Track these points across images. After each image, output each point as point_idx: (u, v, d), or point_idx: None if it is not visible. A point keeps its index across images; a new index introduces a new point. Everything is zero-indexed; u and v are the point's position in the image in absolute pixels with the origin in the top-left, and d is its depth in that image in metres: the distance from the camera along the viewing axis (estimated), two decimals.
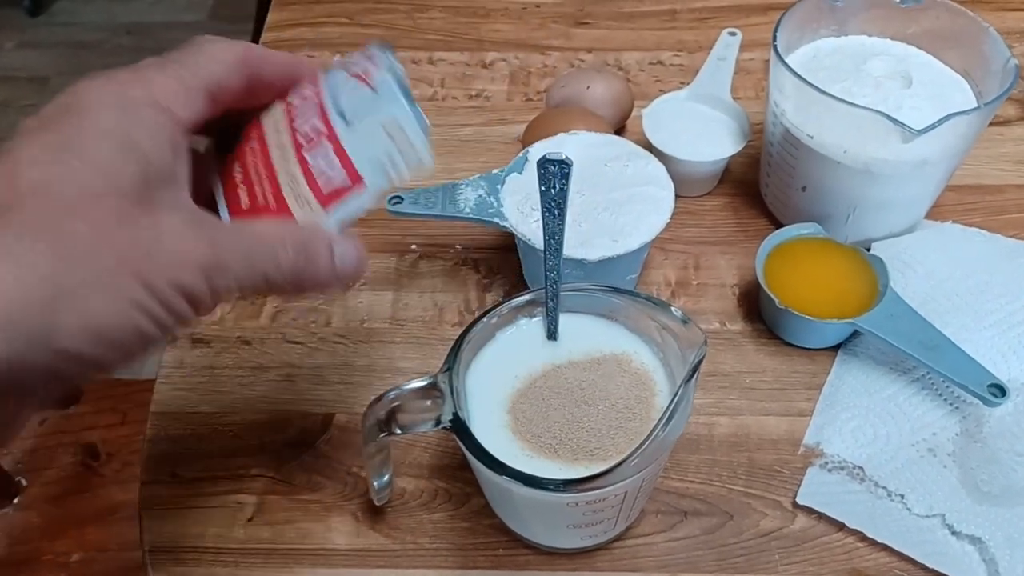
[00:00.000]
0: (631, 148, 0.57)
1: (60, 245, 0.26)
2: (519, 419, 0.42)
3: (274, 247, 0.32)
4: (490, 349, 0.45)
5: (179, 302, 0.29)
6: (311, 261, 0.33)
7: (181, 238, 0.29)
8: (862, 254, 0.56)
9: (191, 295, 0.29)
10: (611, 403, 0.42)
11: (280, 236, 0.32)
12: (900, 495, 0.49)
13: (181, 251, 0.29)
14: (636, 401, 0.42)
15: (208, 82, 0.33)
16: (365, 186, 0.34)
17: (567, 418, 0.42)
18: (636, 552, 0.48)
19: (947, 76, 0.59)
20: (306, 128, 0.36)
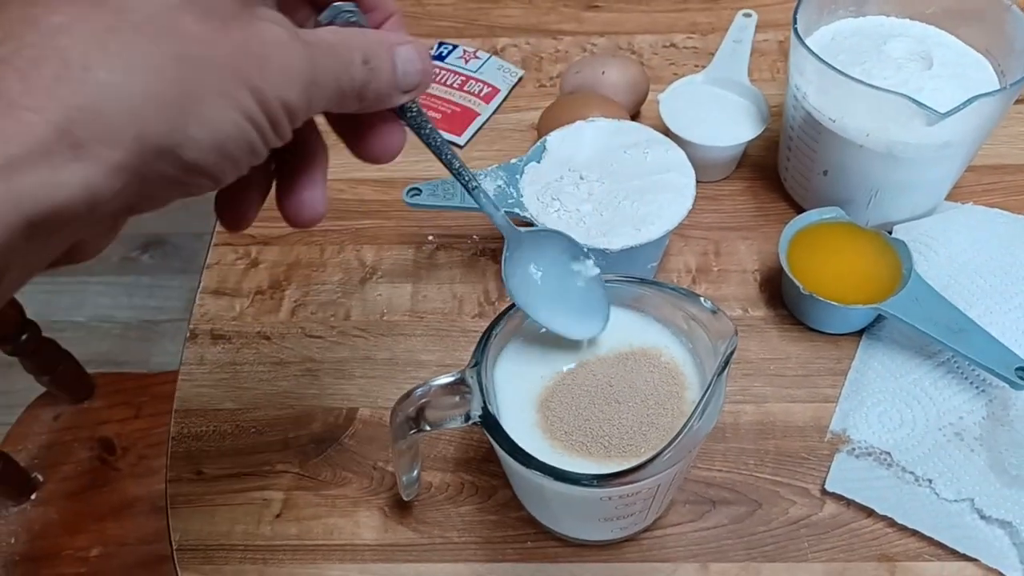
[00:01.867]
0: (650, 134, 0.57)
1: (180, 46, 0.24)
2: (549, 416, 0.42)
3: (351, 59, 0.29)
4: (516, 343, 0.45)
5: (283, 119, 0.27)
6: (375, 72, 0.30)
7: (286, 51, 0.27)
8: (885, 238, 0.56)
9: (291, 110, 0.27)
10: (641, 399, 0.42)
11: (350, 45, 0.30)
12: (928, 480, 0.49)
13: (287, 65, 0.27)
14: (667, 396, 0.42)
15: None
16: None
17: (597, 415, 0.41)
18: (665, 543, 0.48)
19: (968, 56, 0.58)
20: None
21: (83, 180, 0.22)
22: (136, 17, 0.23)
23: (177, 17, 0.24)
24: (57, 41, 0.22)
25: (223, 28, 0.25)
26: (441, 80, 0.73)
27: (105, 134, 0.22)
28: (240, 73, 0.25)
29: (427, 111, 0.67)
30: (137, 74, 0.23)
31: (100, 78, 0.22)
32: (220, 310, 0.59)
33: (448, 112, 0.70)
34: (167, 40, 0.24)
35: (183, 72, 0.24)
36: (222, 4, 0.25)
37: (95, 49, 0.22)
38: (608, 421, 0.41)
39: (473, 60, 0.74)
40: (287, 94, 0.27)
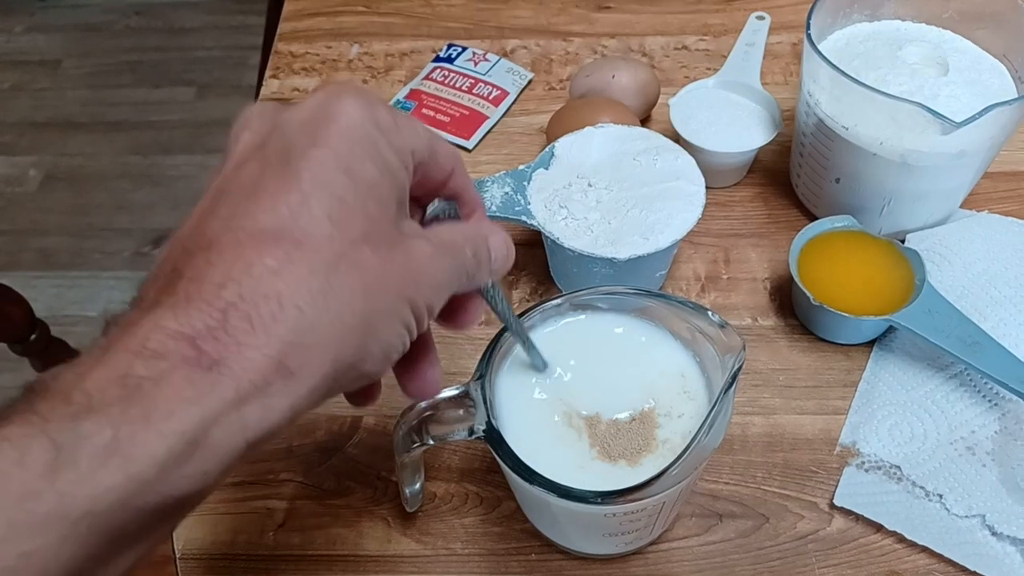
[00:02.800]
0: (660, 141, 0.56)
1: (364, 279, 0.27)
2: (554, 429, 0.41)
3: (463, 252, 0.33)
4: (522, 355, 0.44)
5: (426, 318, 0.30)
6: (479, 260, 0.34)
7: (434, 265, 0.30)
8: (898, 247, 0.55)
9: (432, 310, 0.31)
10: (648, 412, 0.41)
11: (462, 241, 0.33)
12: (939, 495, 0.48)
13: (435, 277, 0.30)
14: (673, 410, 0.42)
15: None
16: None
17: (602, 428, 0.41)
18: (671, 556, 0.48)
19: (985, 61, 0.57)
20: None
21: (291, 403, 0.25)
22: (328, 255, 0.26)
23: (359, 252, 0.27)
24: (273, 285, 0.25)
25: (390, 254, 0.28)
26: (450, 83, 0.72)
27: (310, 363, 0.26)
28: (404, 293, 0.29)
29: (436, 114, 0.68)
30: (334, 308, 0.26)
31: (307, 315, 0.25)
32: None
33: (456, 115, 0.70)
34: (354, 274, 0.27)
35: (367, 302, 0.27)
36: (387, 233, 0.29)
37: (302, 289, 0.25)
38: (613, 434, 0.41)
39: (483, 63, 0.74)
40: (433, 300, 0.30)
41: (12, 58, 2.04)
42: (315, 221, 0.26)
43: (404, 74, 0.75)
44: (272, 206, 0.26)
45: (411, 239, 0.30)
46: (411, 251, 0.29)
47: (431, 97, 0.71)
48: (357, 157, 0.28)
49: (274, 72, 0.76)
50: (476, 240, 0.33)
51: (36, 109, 1.92)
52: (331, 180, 0.27)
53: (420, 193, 0.34)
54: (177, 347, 0.24)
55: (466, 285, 0.33)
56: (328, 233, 0.26)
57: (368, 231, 0.27)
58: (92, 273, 1.62)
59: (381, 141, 0.29)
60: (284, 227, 0.26)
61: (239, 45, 2.01)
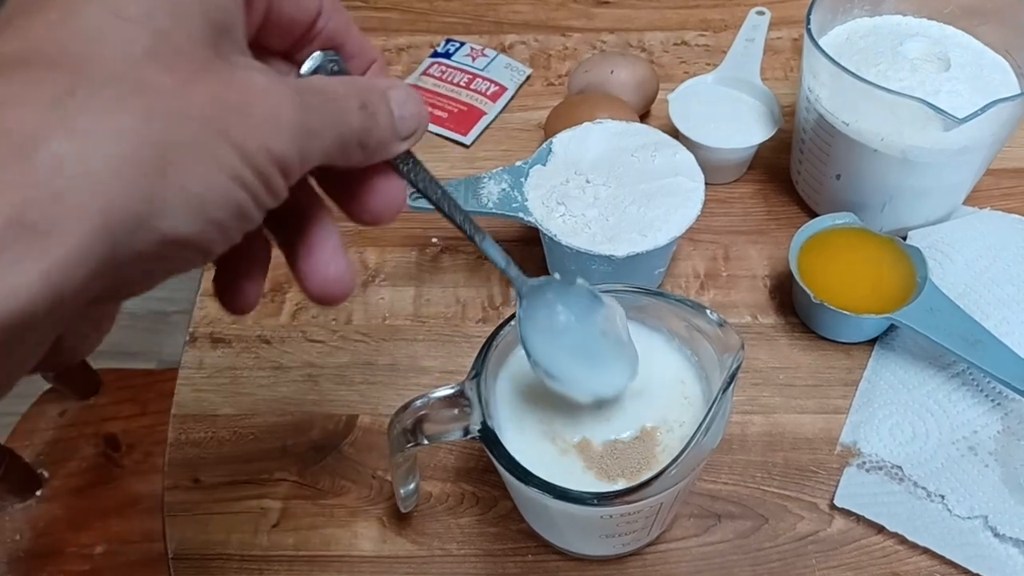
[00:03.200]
0: (658, 137, 0.55)
1: (147, 102, 0.21)
2: (549, 428, 0.41)
3: (344, 105, 0.27)
4: (519, 354, 0.43)
5: (274, 174, 0.24)
6: (373, 118, 0.28)
7: (271, 98, 0.24)
8: (899, 244, 0.55)
9: (283, 164, 0.24)
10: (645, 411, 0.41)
11: (344, 92, 0.27)
12: (940, 496, 0.48)
13: (273, 113, 0.24)
14: (670, 409, 0.41)
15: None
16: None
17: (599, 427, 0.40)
18: (668, 558, 0.47)
19: (986, 56, 0.57)
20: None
21: (42, 274, 0.19)
22: (96, 74, 0.21)
23: (143, 70, 0.21)
24: (5, 112, 0.19)
25: (195, 78, 0.22)
26: (447, 78, 0.71)
27: (63, 214, 0.19)
28: (218, 125, 0.22)
29: (434, 110, 0.67)
30: (98, 138, 0.20)
31: (54, 149, 0.19)
32: (220, 313, 0.59)
33: (454, 111, 0.69)
34: (132, 97, 0.21)
35: (152, 131, 0.21)
36: (192, 53, 0.23)
37: (49, 117, 0.20)
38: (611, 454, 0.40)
39: (480, 58, 0.73)
40: (275, 145, 0.24)
41: None
42: (74, 39, 0.21)
43: (401, 69, 0.74)
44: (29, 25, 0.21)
45: (238, 68, 0.24)
46: (233, 79, 0.23)
47: (428, 93, 0.71)
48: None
49: None
50: (366, 91, 0.27)
51: None
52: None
53: (284, 43, 0.28)
54: None
55: (360, 150, 0.28)
56: (93, 51, 0.21)
57: (157, 50, 0.22)
58: None
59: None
60: (39, 50, 0.21)
61: None
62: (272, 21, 0.27)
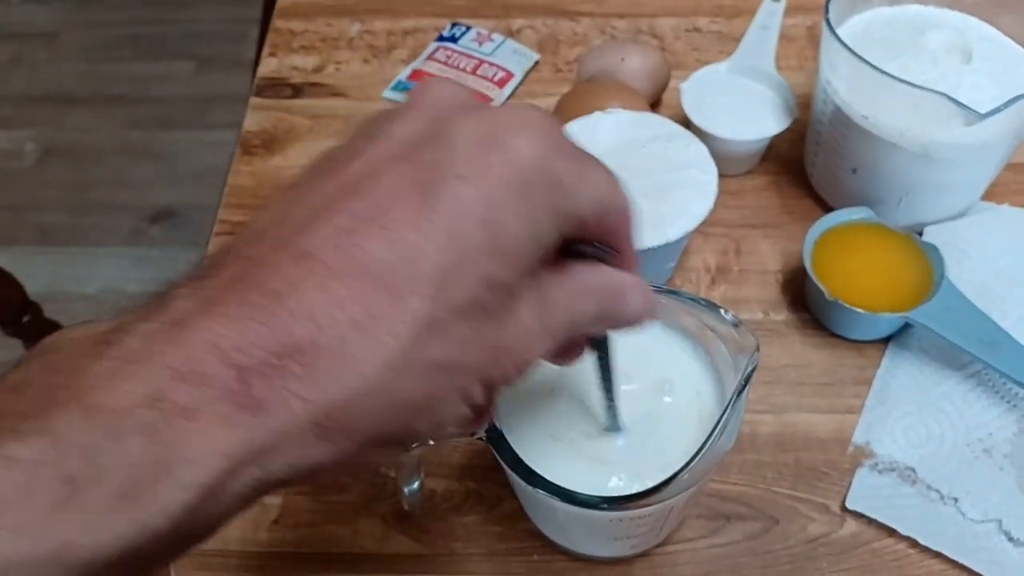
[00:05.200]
0: (671, 128, 0.54)
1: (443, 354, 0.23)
2: (558, 428, 0.40)
3: (583, 310, 0.28)
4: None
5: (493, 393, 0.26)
6: (604, 312, 0.29)
7: (527, 338, 0.26)
8: (916, 241, 0.53)
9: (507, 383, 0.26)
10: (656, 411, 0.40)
11: (589, 292, 0.28)
12: (954, 499, 0.47)
13: (522, 352, 0.26)
14: (682, 410, 0.40)
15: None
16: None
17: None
18: (676, 559, 0.46)
19: (1009, 49, 0.55)
20: None
21: (316, 463, 0.23)
22: (421, 319, 0.23)
23: (455, 324, 0.23)
24: (346, 340, 0.22)
25: (485, 329, 0.24)
26: (453, 63, 0.70)
27: (350, 429, 0.23)
28: (482, 373, 0.25)
29: None
30: (398, 379, 0.23)
31: (368, 384, 0.22)
32: None
33: None
34: (437, 350, 0.23)
35: (438, 379, 0.24)
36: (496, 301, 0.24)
37: (375, 354, 0.22)
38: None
39: (487, 43, 0.71)
40: (514, 378, 0.26)
41: (9, 30, 2.01)
42: (424, 276, 0.22)
43: (406, 53, 0.73)
44: (390, 239, 0.23)
45: (520, 305, 0.25)
46: (513, 325, 0.25)
47: (434, 78, 0.69)
48: (508, 211, 0.23)
49: (272, 50, 0.74)
50: (609, 292, 0.28)
51: (33, 82, 1.89)
52: (465, 231, 0.23)
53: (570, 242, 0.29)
54: (224, 377, 0.21)
55: (576, 336, 0.29)
56: (432, 294, 0.23)
57: (476, 300, 0.23)
58: (90, 249, 1.61)
59: (545, 200, 0.24)
60: (387, 269, 0.22)
61: (239, 18, 1.98)
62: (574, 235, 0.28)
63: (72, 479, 0.19)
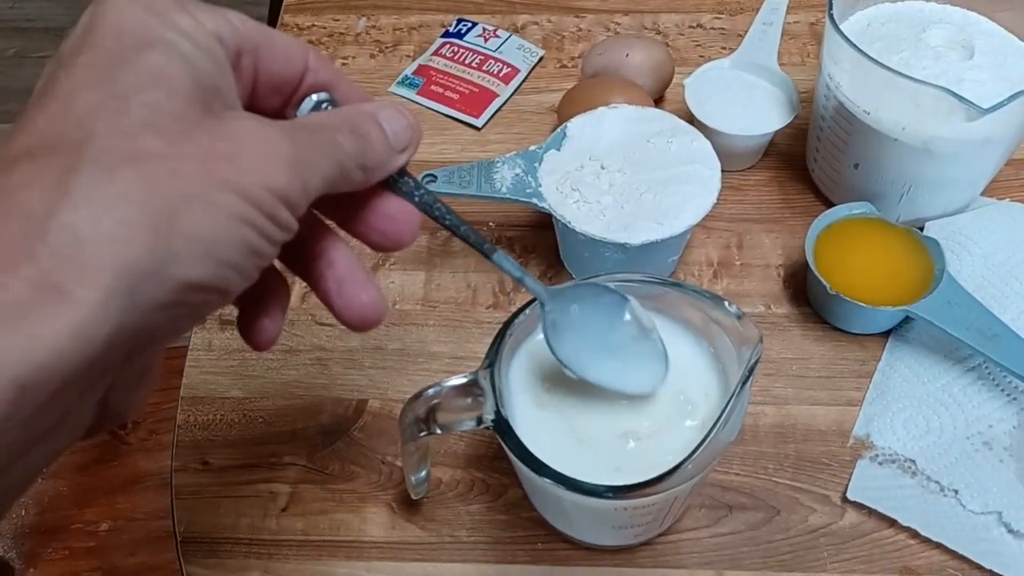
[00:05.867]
0: (675, 123, 0.55)
1: (142, 166, 0.23)
2: (563, 419, 0.40)
3: (334, 134, 0.29)
4: (533, 342, 0.43)
5: (276, 205, 0.26)
6: (366, 139, 0.30)
7: (259, 137, 0.26)
8: (916, 235, 0.54)
9: (286, 196, 0.26)
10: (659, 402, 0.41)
11: (333, 122, 0.29)
12: (954, 490, 0.48)
13: (264, 151, 0.26)
14: (685, 402, 0.41)
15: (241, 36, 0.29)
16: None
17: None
18: (679, 548, 0.47)
19: (1011, 44, 0.56)
20: None
21: (68, 328, 0.21)
22: (93, 150, 0.23)
23: (134, 140, 0.23)
24: (17, 197, 0.22)
25: (186, 138, 0.24)
26: (459, 59, 0.71)
27: (81, 275, 0.21)
28: (212, 174, 0.24)
29: (445, 91, 0.66)
30: (102, 205, 0.22)
31: (64, 220, 0.22)
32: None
33: (466, 92, 0.68)
34: (128, 164, 0.23)
35: (151, 190, 0.23)
36: (183, 116, 0.25)
37: (55, 194, 0.22)
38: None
39: (493, 39, 0.72)
40: (273, 180, 0.26)
41: (16, 24, 2.02)
42: (70, 125, 0.23)
43: (412, 49, 0.74)
44: (33, 120, 0.24)
45: (228, 120, 0.26)
46: (223, 129, 0.25)
47: (440, 73, 0.70)
48: (130, 46, 0.25)
49: None
50: (355, 116, 0.30)
51: (40, 77, 1.89)
52: (93, 79, 0.24)
53: (277, 103, 0.30)
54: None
55: (361, 171, 0.30)
56: (88, 132, 0.23)
57: (148, 119, 0.24)
58: None
59: (158, 26, 0.25)
60: (41, 141, 0.23)
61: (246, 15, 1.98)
62: (262, 82, 0.29)
63: None
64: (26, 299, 0.21)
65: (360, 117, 0.30)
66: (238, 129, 0.26)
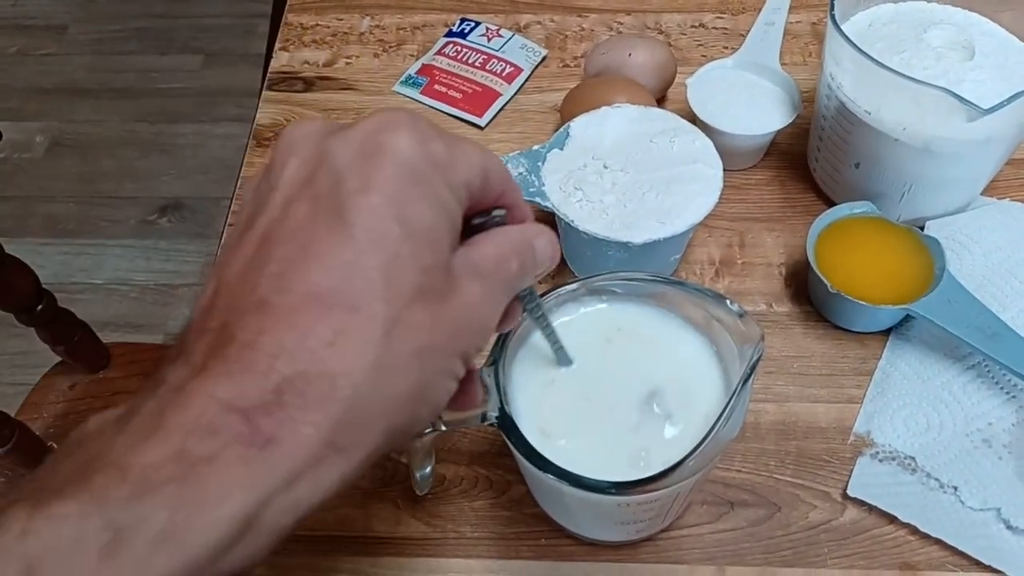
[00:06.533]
0: (677, 122, 0.55)
1: (415, 342, 0.26)
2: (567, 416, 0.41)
3: (510, 268, 0.31)
4: (536, 340, 0.43)
5: (472, 363, 0.30)
6: (524, 266, 0.32)
7: (484, 307, 0.29)
8: (917, 235, 0.54)
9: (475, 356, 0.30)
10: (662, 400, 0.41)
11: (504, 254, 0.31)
12: (953, 487, 0.48)
13: (485, 319, 0.29)
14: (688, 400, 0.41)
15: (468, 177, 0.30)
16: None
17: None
18: (681, 544, 0.48)
19: (1011, 45, 0.56)
20: None
21: (341, 477, 0.25)
22: (383, 321, 0.25)
23: (413, 313, 0.26)
24: (326, 360, 0.24)
25: (442, 308, 0.27)
26: (462, 58, 0.71)
27: (362, 437, 0.25)
28: (457, 347, 0.28)
29: (448, 90, 0.67)
30: (387, 381, 0.25)
31: (360, 391, 0.25)
32: None
33: (469, 92, 0.69)
34: (408, 340, 0.26)
35: (421, 368, 0.26)
36: (440, 281, 0.27)
37: (356, 364, 0.25)
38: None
39: (496, 38, 0.72)
40: (479, 344, 0.29)
41: (18, 22, 2.02)
42: (369, 283, 0.25)
43: (416, 48, 0.74)
44: (325, 265, 0.25)
45: (461, 280, 0.28)
46: (462, 299, 0.28)
47: (443, 73, 0.70)
48: (411, 201, 0.26)
49: (284, 44, 0.75)
50: (522, 247, 0.31)
51: (42, 75, 1.90)
52: (385, 232, 0.25)
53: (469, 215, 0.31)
54: (231, 423, 0.23)
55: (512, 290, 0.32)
56: (382, 295, 0.25)
57: (421, 285, 0.26)
58: (98, 241, 1.62)
59: (436, 179, 0.27)
60: (337, 290, 0.25)
61: (247, 13, 1.99)
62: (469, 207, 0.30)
63: (117, 528, 0.21)
64: (321, 453, 0.24)
65: (524, 247, 0.31)
66: (471, 297, 0.28)
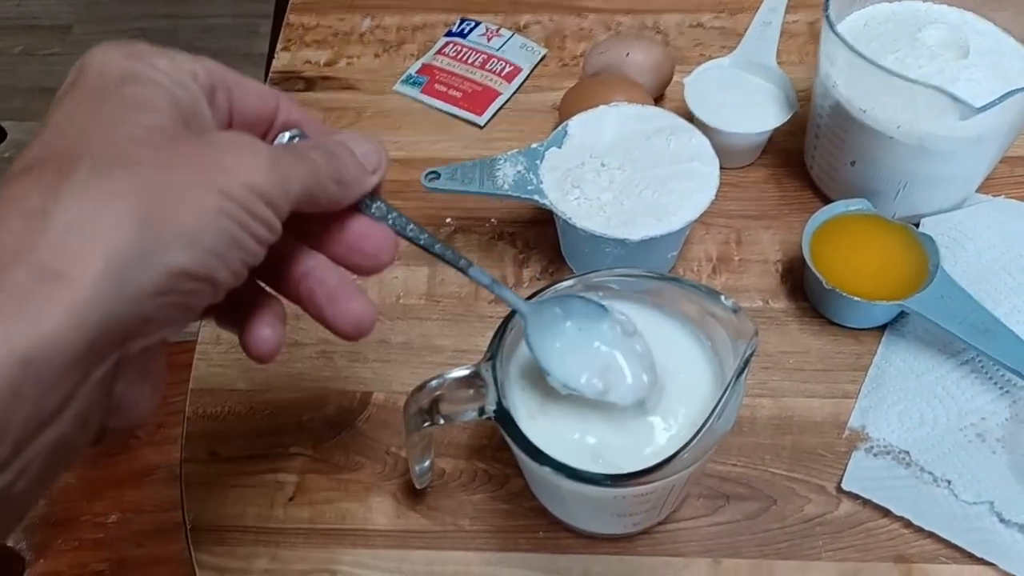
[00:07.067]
0: (674, 121, 0.56)
1: (132, 170, 0.26)
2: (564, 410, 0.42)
3: (308, 152, 0.32)
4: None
5: (257, 202, 0.29)
6: (337, 157, 0.33)
7: (239, 144, 0.30)
8: (911, 232, 0.55)
9: (266, 195, 0.29)
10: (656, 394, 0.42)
11: (307, 144, 0.33)
12: (947, 481, 0.48)
13: (244, 154, 0.29)
14: (682, 392, 0.42)
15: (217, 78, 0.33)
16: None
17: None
18: (677, 537, 0.48)
19: (1006, 44, 0.56)
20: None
21: (65, 307, 0.24)
22: (87, 159, 0.26)
23: (124, 149, 0.27)
24: (17, 202, 0.25)
25: (172, 146, 0.28)
26: (462, 58, 0.72)
27: (76, 261, 0.24)
28: (197, 174, 0.27)
29: (449, 89, 0.67)
30: (93, 201, 0.25)
31: (59, 215, 0.25)
32: None
33: (469, 91, 0.69)
34: (118, 168, 0.26)
35: (139, 187, 0.26)
36: (168, 131, 0.28)
37: (51, 195, 0.25)
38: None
39: (495, 38, 0.73)
40: (253, 179, 0.28)
41: (23, 22, 2.03)
42: (65, 143, 0.27)
43: (416, 48, 0.75)
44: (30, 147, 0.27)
45: (209, 133, 0.30)
46: (205, 140, 0.29)
47: (443, 72, 0.71)
48: (112, 83, 0.28)
49: (285, 44, 0.76)
50: (328, 145, 0.33)
51: (47, 74, 1.91)
52: (82, 109, 0.28)
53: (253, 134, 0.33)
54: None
55: (336, 185, 0.33)
56: (81, 146, 0.26)
57: (135, 134, 0.27)
58: None
59: (137, 66, 0.29)
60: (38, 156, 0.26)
61: (249, 13, 2.00)
62: (237, 118, 0.33)
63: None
64: (28, 285, 0.24)
65: (330, 141, 0.33)
66: (219, 139, 0.30)
